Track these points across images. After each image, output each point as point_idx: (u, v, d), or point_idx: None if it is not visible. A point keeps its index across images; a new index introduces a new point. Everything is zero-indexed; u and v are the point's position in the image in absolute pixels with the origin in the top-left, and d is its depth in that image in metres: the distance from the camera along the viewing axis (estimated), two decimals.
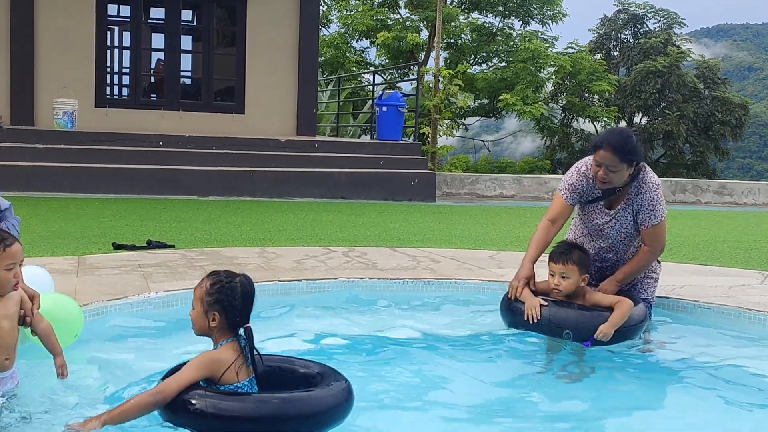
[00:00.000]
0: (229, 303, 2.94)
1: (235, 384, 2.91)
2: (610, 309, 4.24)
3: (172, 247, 7.19)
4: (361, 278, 5.77)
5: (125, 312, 4.80)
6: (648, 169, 4.56)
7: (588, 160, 4.58)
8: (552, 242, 4.64)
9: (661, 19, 34.33)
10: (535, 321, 4.24)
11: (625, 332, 4.25)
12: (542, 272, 4.58)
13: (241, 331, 2.98)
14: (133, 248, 6.99)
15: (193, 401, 2.76)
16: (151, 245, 7.14)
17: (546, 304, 4.29)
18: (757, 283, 6.10)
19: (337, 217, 10.33)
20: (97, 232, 7.95)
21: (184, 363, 2.94)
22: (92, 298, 4.78)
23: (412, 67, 24.25)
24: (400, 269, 6.19)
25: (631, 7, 34.79)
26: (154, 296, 5.02)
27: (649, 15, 34.63)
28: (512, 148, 54.24)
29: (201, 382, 2.86)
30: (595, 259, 4.71)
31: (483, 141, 34.10)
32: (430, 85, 19.76)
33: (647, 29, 34.55)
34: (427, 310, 5.28)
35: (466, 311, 5.28)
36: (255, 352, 2.97)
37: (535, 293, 4.41)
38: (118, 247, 7.02)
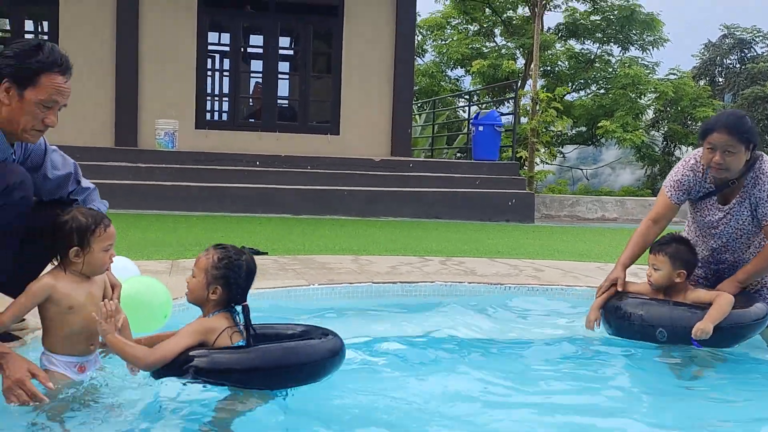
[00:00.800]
0: (234, 280, 2.96)
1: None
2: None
3: (266, 254, 7.07)
4: (460, 282, 5.50)
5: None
6: (765, 157, 4.09)
7: (696, 153, 4.17)
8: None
9: None
10: (592, 329, 4.06)
11: (739, 331, 3.85)
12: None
13: (239, 308, 3.00)
14: None
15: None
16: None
17: (637, 301, 4.01)
18: None
19: (431, 233, 10.08)
20: (192, 242, 7.93)
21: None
22: (182, 293, 4.66)
23: (508, 90, 23.95)
24: (501, 276, 5.88)
25: (737, 31, 33.61)
26: None
27: (757, 39, 33.36)
28: (611, 180, 52.90)
29: None
30: (710, 261, 4.29)
31: (581, 169, 33.33)
32: (528, 108, 19.40)
33: (755, 54, 33.26)
34: (533, 315, 4.96)
35: (573, 317, 4.93)
36: (251, 330, 2.98)
37: (624, 295, 4.12)
38: None
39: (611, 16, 28.40)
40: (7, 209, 3.07)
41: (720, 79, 33.51)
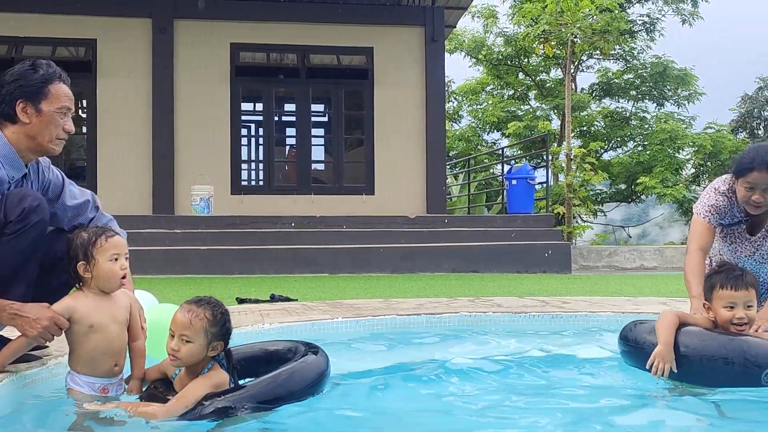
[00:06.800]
0: (230, 329, 2.92)
1: None
2: None
3: (295, 300, 7.12)
4: (485, 312, 5.47)
5: (235, 341, 4.70)
6: None
7: (725, 180, 4.14)
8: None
9: None
10: (659, 378, 3.29)
11: None
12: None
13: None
14: (257, 302, 6.96)
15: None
16: (274, 299, 7.09)
17: (733, 337, 3.31)
18: None
19: (466, 283, 10.03)
20: (224, 295, 8.00)
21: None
22: None
23: (542, 147, 23.99)
24: (527, 307, 5.83)
25: None
26: (267, 327, 4.92)
27: None
28: (660, 239, 52.19)
29: None
30: None
31: (624, 227, 32.98)
32: (563, 166, 19.40)
33: None
34: (555, 340, 4.89)
35: (598, 342, 4.85)
36: (235, 370, 2.97)
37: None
38: (241, 301, 7.01)
39: (644, 74, 28.49)
40: (26, 232, 3.16)
41: (759, 131, 33.20)
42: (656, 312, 5.20)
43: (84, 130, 14.53)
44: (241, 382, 3.01)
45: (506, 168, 15.80)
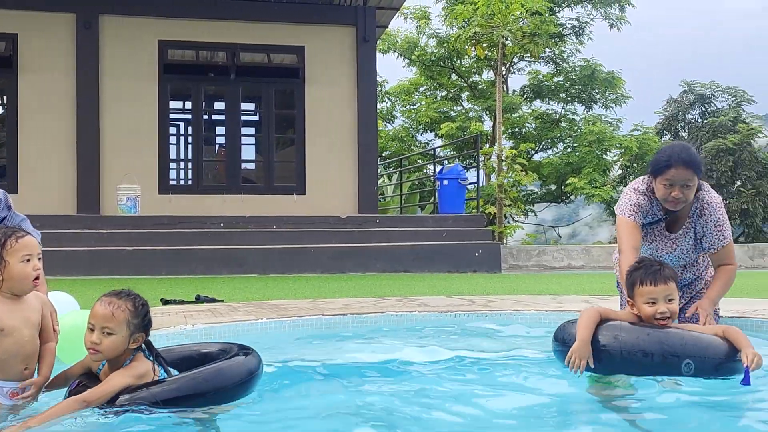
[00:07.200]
0: (151, 321, 2.91)
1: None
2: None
3: (221, 301, 7.00)
4: (410, 312, 5.45)
5: (158, 343, 4.59)
6: (706, 186, 4.16)
7: (643, 180, 4.21)
8: None
9: (729, 97, 33.72)
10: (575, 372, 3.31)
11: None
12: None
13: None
14: (181, 303, 6.82)
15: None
16: (199, 300, 6.96)
17: (650, 329, 3.36)
18: None
19: (396, 283, 10.03)
20: (150, 295, 7.81)
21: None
22: None
23: (473, 148, 24.23)
24: (454, 306, 5.84)
25: (697, 87, 34.33)
26: (190, 328, 4.82)
27: (716, 94, 34.08)
28: (590, 238, 53.25)
29: None
30: None
31: (554, 227, 33.53)
32: (494, 166, 19.61)
33: (715, 108, 33.93)
34: (480, 338, 4.91)
35: (523, 341, 4.88)
36: (161, 359, 2.96)
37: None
38: (166, 302, 6.87)
39: (573, 77, 29.02)
40: None
41: (684, 134, 34.08)
42: (578, 310, 5.27)
43: (4, 126, 14.09)
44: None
45: (438, 168, 15.86)
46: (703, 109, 34.37)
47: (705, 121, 33.58)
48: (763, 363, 3.21)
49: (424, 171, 27.39)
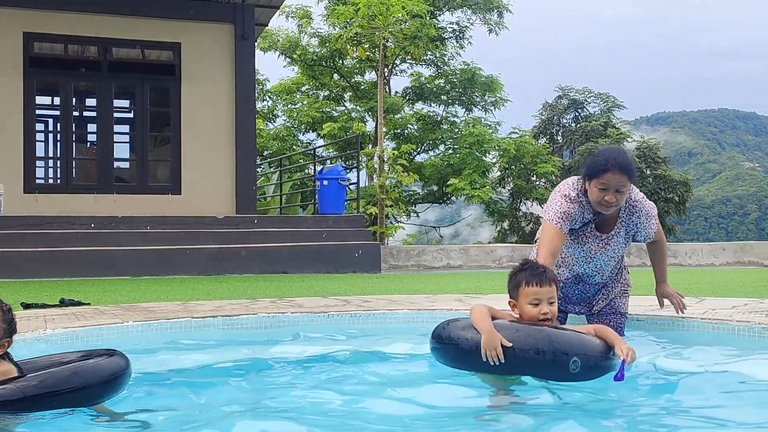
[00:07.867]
0: (16, 326, 2.90)
1: None
2: None
3: (87, 304, 6.70)
4: (283, 313, 5.36)
5: (16, 349, 4.33)
6: (632, 186, 4.21)
7: (572, 185, 4.23)
8: None
9: (601, 102, 35.21)
10: (496, 363, 3.25)
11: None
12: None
13: None
14: (44, 307, 6.48)
15: None
16: (64, 303, 6.63)
17: (540, 327, 3.37)
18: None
19: (274, 284, 9.89)
20: (12, 299, 7.40)
21: None
22: None
23: (355, 149, 24.30)
24: (329, 307, 5.77)
25: (571, 92, 35.67)
26: (50, 333, 4.57)
27: (589, 99, 35.51)
28: (471, 238, 54.41)
29: None
30: (577, 281, 4.44)
31: (436, 228, 34.03)
32: (375, 166, 19.70)
33: (588, 113, 35.34)
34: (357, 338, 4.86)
35: (398, 339, 4.87)
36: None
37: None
38: (27, 306, 6.50)
39: (454, 79, 29.55)
40: None
41: (558, 137, 35.29)
42: (450, 309, 5.31)
43: None
44: None
45: (319, 168, 15.77)
46: (577, 113, 35.71)
47: (578, 125, 34.88)
48: (636, 357, 3.30)
49: (306, 171, 27.28)
